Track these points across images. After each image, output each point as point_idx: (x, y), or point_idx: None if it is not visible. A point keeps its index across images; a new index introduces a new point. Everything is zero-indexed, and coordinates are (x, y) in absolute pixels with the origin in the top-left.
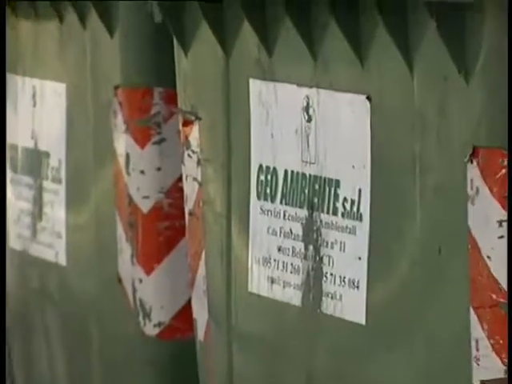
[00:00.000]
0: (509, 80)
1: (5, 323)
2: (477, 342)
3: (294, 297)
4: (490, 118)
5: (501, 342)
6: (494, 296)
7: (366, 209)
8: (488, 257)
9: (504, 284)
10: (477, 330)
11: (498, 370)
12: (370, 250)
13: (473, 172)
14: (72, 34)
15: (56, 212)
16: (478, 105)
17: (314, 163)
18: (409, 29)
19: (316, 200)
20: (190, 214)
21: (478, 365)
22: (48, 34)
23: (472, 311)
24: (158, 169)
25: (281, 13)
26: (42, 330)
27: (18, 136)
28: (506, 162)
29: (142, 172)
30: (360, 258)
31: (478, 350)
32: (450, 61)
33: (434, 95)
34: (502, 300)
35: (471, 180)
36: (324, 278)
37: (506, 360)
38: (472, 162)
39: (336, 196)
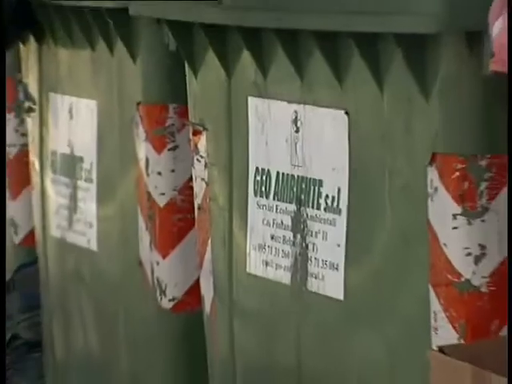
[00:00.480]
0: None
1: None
2: (435, 314)
3: (284, 277)
4: (446, 130)
5: (454, 314)
6: (449, 276)
7: (344, 204)
8: (444, 244)
9: (457, 266)
10: (435, 305)
11: (452, 337)
12: (348, 239)
13: (432, 174)
14: (102, 60)
15: (88, 206)
16: (436, 119)
17: (301, 166)
18: (379, 56)
19: (303, 196)
20: (199, 208)
21: (436, 334)
22: (82, 60)
23: (431, 289)
24: (172, 170)
25: (274, 42)
26: (76, 304)
27: (57, 144)
28: (459, 166)
29: (159, 173)
30: (339, 245)
31: (436, 321)
32: (413, 84)
33: (400, 111)
34: (455, 280)
35: (431, 180)
36: (309, 262)
37: (458, 329)
38: (431, 166)
39: (319, 193)
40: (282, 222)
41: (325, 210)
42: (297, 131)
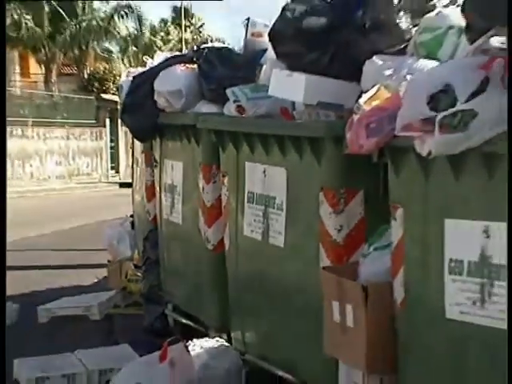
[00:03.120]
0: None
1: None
2: (321, 254)
3: (259, 237)
4: (328, 178)
5: (329, 254)
6: (327, 238)
7: (284, 207)
8: (327, 225)
9: (331, 233)
10: (321, 250)
11: (328, 263)
12: (286, 222)
13: (321, 195)
14: (186, 146)
15: (178, 205)
16: (324, 173)
17: (266, 191)
18: (301, 146)
19: (267, 203)
20: (224, 207)
21: (322, 262)
22: (178, 147)
23: (320, 244)
24: (213, 191)
25: (256, 139)
26: (173, 245)
27: (166, 180)
28: (331, 192)
29: (207, 192)
30: (282, 224)
31: (322, 256)
32: (314, 158)
33: (308, 170)
34: (329, 239)
35: (321, 198)
36: (270, 231)
37: (331, 260)
38: (321, 192)
39: (274, 202)
40: (258, 214)
41: (276, 209)
42: (265, 176)
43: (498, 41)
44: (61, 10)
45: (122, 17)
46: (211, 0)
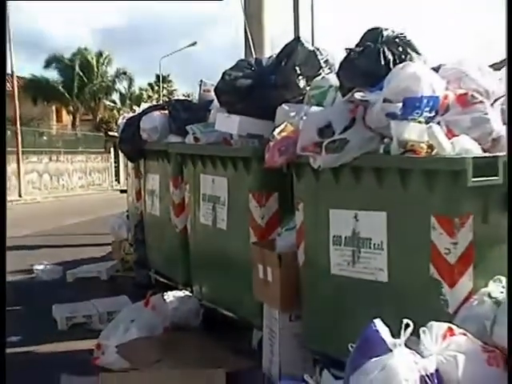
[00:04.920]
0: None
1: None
2: (251, 234)
3: (210, 223)
4: (254, 187)
5: (254, 233)
6: (253, 222)
7: (226, 203)
8: (254, 214)
9: (257, 220)
10: (251, 232)
11: (256, 239)
12: (228, 213)
13: (250, 195)
14: (160, 164)
15: (156, 203)
16: (252, 180)
17: (215, 193)
18: (235, 163)
19: (215, 201)
20: (186, 204)
21: (252, 240)
22: (156, 166)
23: (250, 228)
24: (179, 193)
25: (207, 159)
26: (152, 226)
27: (148, 186)
28: (257, 193)
29: (176, 195)
30: (224, 214)
31: (251, 234)
32: (245, 171)
33: (240, 178)
34: (254, 224)
35: (250, 197)
36: (217, 219)
37: (257, 237)
38: (250, 193)
39: (219, 200)
40: (209, 208)
41: (221, 205)
42: (213, 184)
43: (359, 95)
44: (84, 77)
45: (121, 80)
46: None
